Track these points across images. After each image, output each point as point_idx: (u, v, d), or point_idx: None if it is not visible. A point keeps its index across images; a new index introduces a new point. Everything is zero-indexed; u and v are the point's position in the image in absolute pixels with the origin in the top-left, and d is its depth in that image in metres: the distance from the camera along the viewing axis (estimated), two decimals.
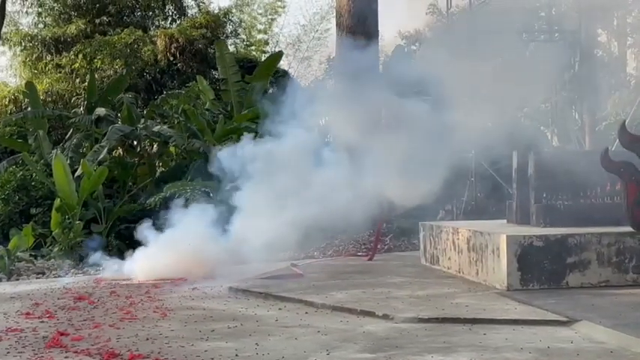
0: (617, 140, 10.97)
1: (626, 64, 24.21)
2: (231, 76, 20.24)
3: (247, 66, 21.97)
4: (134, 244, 13.63)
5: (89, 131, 19.76)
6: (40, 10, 26.90)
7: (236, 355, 6.99)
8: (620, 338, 7.17)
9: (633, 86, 21.46)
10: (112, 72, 23.72)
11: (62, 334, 8.01)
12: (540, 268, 9.94)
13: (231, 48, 26.55)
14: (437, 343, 7.29)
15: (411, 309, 8.91)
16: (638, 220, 10.24)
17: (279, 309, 9.39)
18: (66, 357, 7.12)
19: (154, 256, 12.51)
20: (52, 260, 14.94)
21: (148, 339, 7.74)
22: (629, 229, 10.24)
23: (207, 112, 19.77)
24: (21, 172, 18.06)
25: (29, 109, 21.05)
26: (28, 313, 9.41)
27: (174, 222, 12.97)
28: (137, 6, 27.11)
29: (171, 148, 19.76)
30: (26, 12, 27.45)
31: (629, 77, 23.15)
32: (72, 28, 25.12)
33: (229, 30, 28.30)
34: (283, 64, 27.56)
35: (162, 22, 27.75)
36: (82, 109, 21.33)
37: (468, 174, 17.33)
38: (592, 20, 18.95)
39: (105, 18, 25.84)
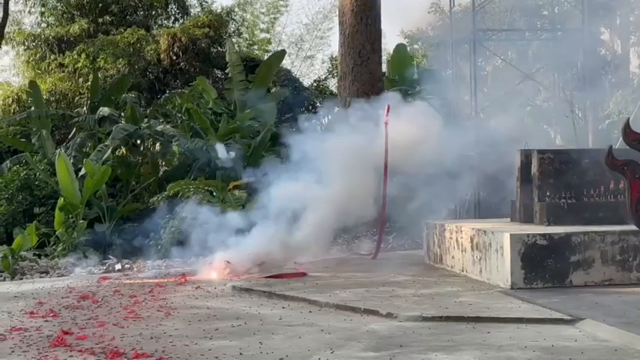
0: (621, 139, 10.97)
1: (629, 63, 24.16)
2: (235, 75, 20.29)
3: (250, 65, 21.99)
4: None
5: (92, 130, 19.78)
6: (43, 9, 26.92)
7: (240, 354, 7.00)
8: (624, 336, 7.17)
9: (636, 84, 21.41)
10: (115, 71, 23.71)
11: (66, 333, 8.02)
12: (544, 267, 9.95)
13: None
14: (441, 342, 7.30)
15: (414, 307, 8.92)
16: None
17: (283, 308, 9.41)
18: (70, 356, 7.13)
19: None
20: (56, 259, 14.96)
21: (152, 338, 7.75)
22: (632, 227, 10.24)
23: (210, 111, 19.78)
24: (24, 172, 18.07)
25: (32, 108, 21.07)
26: (32, 312, 9.43)
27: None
28: (140, 5, 27.11)
29: (175, 147, 19.78)
30: (29, 12, 27.51)
31: (632, 75, 23.10)
32: (75, 28, 25.13)
33: (232, 29, 28.31)
34: (286, 63, 27.58)
35: (165, 22, 27.76)
36: (85, 108, 21.34)
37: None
38: (595, 18, 18.92)
39: (108, 17, 25.86)
